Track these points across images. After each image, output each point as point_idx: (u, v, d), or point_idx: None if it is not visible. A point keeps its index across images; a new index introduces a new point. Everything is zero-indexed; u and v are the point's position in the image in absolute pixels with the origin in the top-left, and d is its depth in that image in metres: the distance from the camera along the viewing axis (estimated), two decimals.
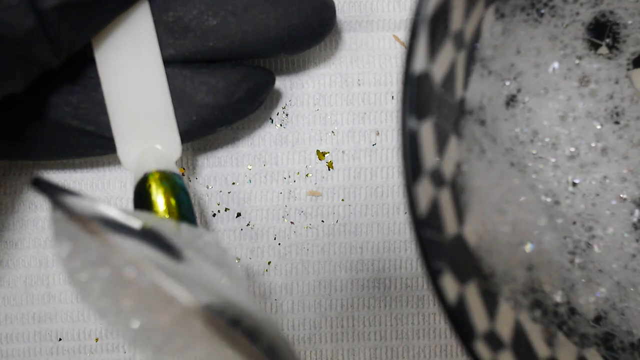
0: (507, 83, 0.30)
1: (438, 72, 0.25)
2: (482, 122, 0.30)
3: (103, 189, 0.34)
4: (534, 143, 0.30)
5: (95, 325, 0.33)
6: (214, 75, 0.30)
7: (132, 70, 0.29)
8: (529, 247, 0.29)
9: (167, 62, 0.30)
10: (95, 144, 0.30)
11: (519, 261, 0.29)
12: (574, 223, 0.30)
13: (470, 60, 0.29)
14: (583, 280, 0.30)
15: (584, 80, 0.30)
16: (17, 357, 0.33)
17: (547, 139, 0.30)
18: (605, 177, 0.30)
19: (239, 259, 0.34)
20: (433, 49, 0.24)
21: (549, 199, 0.30)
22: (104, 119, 0.30)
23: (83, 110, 0.30)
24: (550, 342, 0.29)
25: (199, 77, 0.30)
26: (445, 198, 0.25)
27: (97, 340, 0.33)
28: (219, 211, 0.34)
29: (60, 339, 0.33)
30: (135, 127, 0.30)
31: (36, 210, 0.34)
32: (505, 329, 0.26)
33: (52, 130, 0.30)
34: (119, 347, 0.33)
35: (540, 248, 0.30)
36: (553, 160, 0.30)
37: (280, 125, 0.34)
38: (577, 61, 0.30)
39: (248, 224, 0.34)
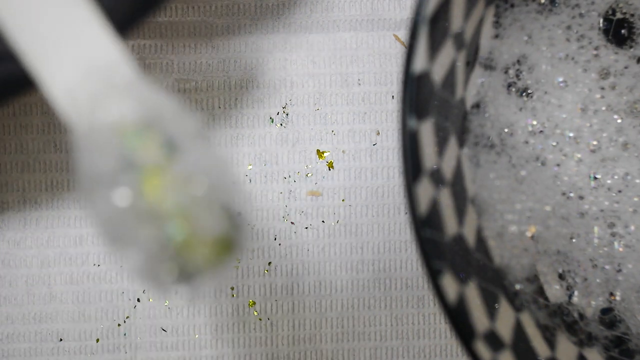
0: (519, 75, 0.30)
1: (438, 71, 0.25)
2: (490, 116, 0.29)
3: None
4: (555, 136, 0.30)
5: (96, 326, 0.33)
6: None
7: None
8: (533, 234, 0.29)
9: None
10: None
11: (526, 249, 0.29)
12: (597, 219, 0.30)
13: (474, 56, 0.29)
14: (598, 280, 0.30)
15: (602, 73, 0.30)
16: (18, 357, 0.33)
17: (568, 132, 0.30)
18: (627, 174, 0.30)
19: (238, 260, 0.34)
20: (433, 49, 0.24)
21: (572, 194, 0.30)
22: None
23: None
24: (550, 341, 0.28)
25: None
26: (445, 198, 0.25)
27: (98, 340, 0.33)
28: None
29: (61, 340, 0.33)
30: (41, 30, 0.22)
31: (38, 209, 0.34)
32: (505, 329, 0.26)
33: None
34: (119, 347, 0.33)
35: (546, 236, 0.29)
36: (574, 153, 0.30)
37: (281, 124, 0.34)
38: (594, 52, 0.30)
39: (248, 224, 0.34)
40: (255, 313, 0.34)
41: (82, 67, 0.22)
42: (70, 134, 0.24)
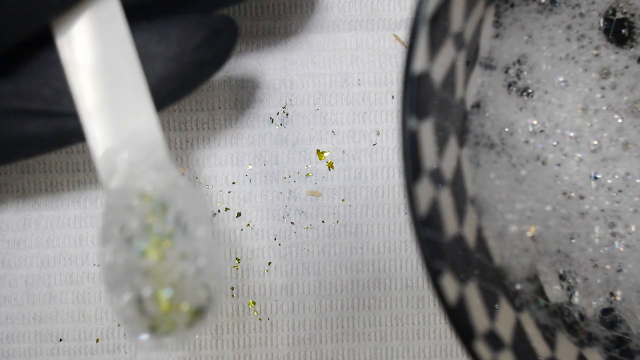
0: (519, 74, 0.30)
1: (438, 71, 0.25)
2: (490, 115, 0.29)
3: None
4: (555, 135, 0.30)
5: (96, 326, 0.33)
6: (167, 23, 0.27)
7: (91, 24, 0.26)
8: (534, 234, 0.29)
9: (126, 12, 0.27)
10: (45, 129, 0.27)
11: (526, 249, 0.29)
12: (597, 219, 0.30)
13: (474, 56, 0.29)
14: (599, 281, 0.30)
15: (603, 72, 0.30)
16: (18, 357, 0.33)
17: (568, 132, 0.30)
18: (627, 174, 0.30)
19: (238, 260, 0.34)
20: (433, 49, 0.24)
21: (573, 193, 0.30)
22: (49, 91, 0.26)
23: (25, 86, 0.26)
24: (550, 341, 0.28)
25: (152, 26, 0.27)
26: (445, 198, 0.25)
27: (97, 340, 0.33)
28: (219, 211, 0.34)
29: (61, 340, 0.33)
30: (105, 102, 0.26)
31: (38, 210, 0.34)
32: (505, 329, 0.26)
33: None
34: (119, 347, 0.33)
35: (547, 236, 0.29)
36: (575, 153, 0.30)
37: (281, 124, 0.34)
38: (595, 52, 0.30)
39: (248, 224, 0.34)
40: (255, 313, 0.34)
41: (125, 135, 0.26)
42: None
